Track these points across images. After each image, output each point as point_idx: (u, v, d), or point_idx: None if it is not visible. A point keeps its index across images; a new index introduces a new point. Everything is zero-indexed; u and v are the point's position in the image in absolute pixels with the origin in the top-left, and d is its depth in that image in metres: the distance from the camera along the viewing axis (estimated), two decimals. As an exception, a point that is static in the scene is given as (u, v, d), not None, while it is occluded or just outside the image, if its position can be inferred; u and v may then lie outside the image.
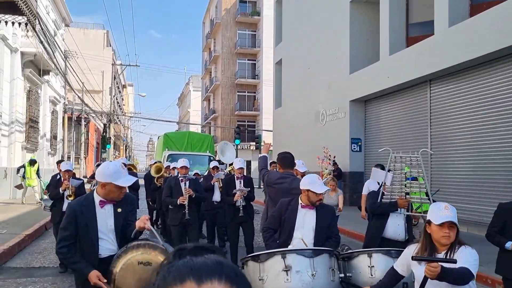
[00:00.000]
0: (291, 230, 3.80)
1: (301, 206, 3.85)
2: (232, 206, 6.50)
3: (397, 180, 4.71)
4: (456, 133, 12.14)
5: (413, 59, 13.01)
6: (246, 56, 45.53)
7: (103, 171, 3.02)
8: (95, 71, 36.61)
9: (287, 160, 4.84)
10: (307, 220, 3.83)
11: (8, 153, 14.83)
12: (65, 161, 6.97)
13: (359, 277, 3.56)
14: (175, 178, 6.37)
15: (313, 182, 3.78)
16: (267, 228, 3.98)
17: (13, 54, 14.96)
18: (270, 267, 3.21)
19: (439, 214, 2.64)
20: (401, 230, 4.61)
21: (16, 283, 5.93)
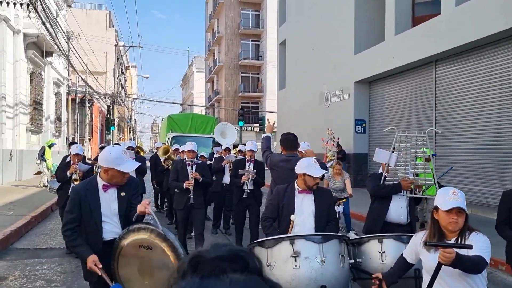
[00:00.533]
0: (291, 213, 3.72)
1: (298, 191, 3.75)
2: (239, 188, 6.47)
3: (401, 161, 4.56)
4: (461, 114, 12.05)
5: (419, 39, 12.83)
6: (249, 37, 45.08)
7: (106, 157, 3.03)
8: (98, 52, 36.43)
9: (289, 142, 4.75)
10: (306, 205, 3.74)
11: (13, 135, 14.88)
12: (76, 145, 6.77)
13: (369, 263, 3.47)
14: (181, 162, 6.29)
15: (309, 166, 3.68)
16: (266, 217, 3.89)
17: (15, 35, 14.87)
18: (278, 253, 3.13)
19: (447, 200, 2.54)
20: (403, 212, 4.50)
21: (23, 264, 6.02)
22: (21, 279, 5.36)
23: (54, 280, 5.35)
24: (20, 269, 5.80)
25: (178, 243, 2.94)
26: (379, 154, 4.78)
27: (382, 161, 4.70)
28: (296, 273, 3.01)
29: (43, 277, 5.48)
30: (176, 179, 6.09)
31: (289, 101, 24.20)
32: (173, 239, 2.90)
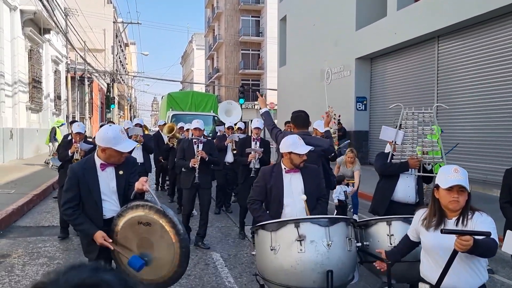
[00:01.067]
0: (281, 198, 3.61)
1: (286, 171, 3.64)
2: (245, 167, 6.34)
3: (409, 138, 4.44)
4: (463, 90, 11.97)
5: (422, 14, 12.64)
6: (250, 13, 44.47)
7: (103, 136, 2.99)
8: (96, 29, 35.95)
9: (301, 119, 4.56)
10: (295, 184, 3.62)
11: (13, 113, 14.83)
12: (77, 123, 6.63)
13: (377, 246, 3.35)
14: (188, 140, 6.18)
15: (294, 143, 3.56)
16: (254, 200, 3.69)
17: (12, 12, 14.65)
18: (282, 237, 3.03)
19: (448, 178, 2.43)
20: (411, 192, 4.39)
21: (26, 242, 6.08)
22: (24, 256, 5.43)
23: (57, 258, 5.41)
24: (23, 246, 5.86)
25: (177, 219, 2.94)
26: (385, 132, 4.65)
27: (388, 139, 4.57)
28: (301, 258, 2.92)
29: (45, 254, 5.54)
30: (182, 158, 5.99)
31: (290, 78, 24.03)
32: (172, 215, 2.91)
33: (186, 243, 2.91)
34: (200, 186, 5.83)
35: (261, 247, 3.18)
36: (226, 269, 5.11)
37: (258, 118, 6.61)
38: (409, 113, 4.50)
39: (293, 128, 4.57)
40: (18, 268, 5.00)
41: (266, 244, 3.09)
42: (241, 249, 5.93)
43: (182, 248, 2.88)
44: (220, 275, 4.92)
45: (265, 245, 3.10)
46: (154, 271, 2.97)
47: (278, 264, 2.99)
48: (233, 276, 4.86)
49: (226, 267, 5.19)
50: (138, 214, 2.99)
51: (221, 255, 5.63)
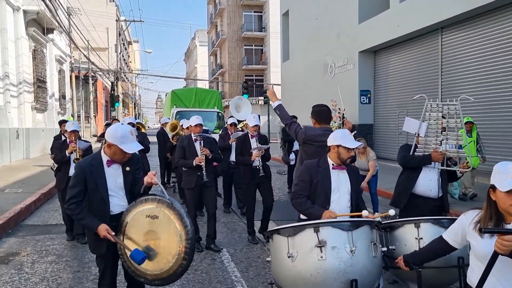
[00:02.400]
0: (328, 193, 3.34)
1: (333, 167, 3.37)
2: (248, 167, 6.00)
3: (432, 131, 4.31)
4: (467, 82, 11.91)
5: (425, 6, 12.58)
6: (252, 8, 44.36)
7: (113, 133, 3.07)
8: (99, 28, 36.03)
9: (323, 114, 4.22)
10: (342, 182, 3.38)
11: (19, 113, 14.93)
12: (71, 121, 6.36)
13: (405, 250, 3.04)
14: (187, 138, 5.85)
15: (344, 137, 3.32)
16: (299, 194, 3.40)
17: (15, 12, 14.72)
18: (300, 242, 2.77)
19: (507, 179, 2.03)
20: (434, 186, 4.23)
21: (34, 240, 6.15)
22: (33, 255, 5.49)
23: (65, 255, 5.47)
24: (31, 245, 5.93)
25: (184, 211, 2.98)
26: (408, 124, 4.50)
27: (411, 130, 4.43)
28: (322, 266, 2.67)
29: (54, 252, 5.61)
30: (183, 157, 5.72)
31: (294, 73, 24.00)
32: (179, 207, 2.95)
33: (192, 236, 2.95)
34: (205, 185, 5.59)
35: (277, 254, 2.94)
36: (233, 264, 5.14)
37: (254, 115, 6.40)
38: (433, 105, 4.33)
39: (313, 123, 4.26)
40: (27, 266, 5.07)
41: (282, 250, 2.86)
42: (247, 244, 5.97)
43: (188, 240, 2.91)
44: (227, 269, 4.96)
45: (281, 252, 2.87)
46: (160, 263, 2.99)
47: (296, 273, 2.76)
48: (239, 271, 4.90)
49: (232, 261, 5.23)
50: (146, 207, 3.04)
51: (227, 250, 5.67)
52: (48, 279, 4.63)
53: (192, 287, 4.44)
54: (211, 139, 6.02)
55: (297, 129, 4.23)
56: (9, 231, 6.57)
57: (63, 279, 4.65)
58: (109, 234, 2.99)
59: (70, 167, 5.87)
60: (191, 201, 5.70)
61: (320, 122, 4.22)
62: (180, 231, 2.92)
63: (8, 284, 4.51)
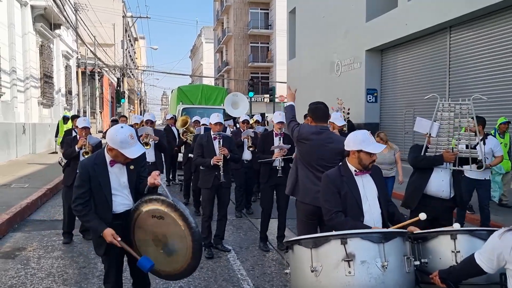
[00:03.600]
0: (359, 203, 3.04)
1: (355, 173, 3.09)
2: (267, 166, 5.72)
3: (444, 131, 4.27)
4: (476, 82, 11.82)
5: (433, 4, 12.48)
6: (258, 5, 44.28)
7: (112, 137, 3.01)
8: (106, 24, 36.09)
9: (320, 112, 4.04)
10: (369, 189, 3.10)
11: (25, 108, 14.99)
12: (82, 117, 6.25)
13: (439, 264, 2.78)
14: (206, 135, 5.62)
15: (365, 140, 3.02)
16: (336, 212, 3.02)
17: (23, 8, 14.75)
18: (325, 255, 2.51)
19: None
20: (445, 186, 4.17)
21: (41, 235, 6.16)
22: (39, 250, 5.50)
23: (71, 251, 5.48)
24: (37, 240, 5.95)
25: (188, 212, 2.96)
26: (419, 124, 4.44)
27: (423, 131, 4.38)
28: (350, 282, 2.41)
29: (60, 247, 5.62)
30: (201, 155, 5.49)
31: (300, 71, 23.92)
32: (183, 209, 2.94)
33: (198, 236, 2.93)
34: (221, 185, 5.41)
35: (298, 267, 2.67)
36: (239, 262, 5.13)
37: (279, 111, 6.05)
38: (445, 105, 4.27)
39: (310, 121, 4.08)
40: (33, 261, 5.08)
41: (304, 263, 2.59)
42: (252, 242, 5.95)
43: (194, 241, 2.90)
44: (233, 267, 4.94)
45: (303, 265, 2.60)
46: (169, 263, 3.02)
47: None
48: (245, 269, 4.89)
49: (238, 259, 5.22)
50: (151, 207, 3.03)
51: (233, 248, 5.65)
52: (54, 275, 4.64)
53: (198, 284, 4.43)
54: (230, 138, 5.78)
55: (294, 128, 4.09)
56: (16, 226, 6.59)
57: (69, 275, 4.65)
58: (115, 240, 2.97)
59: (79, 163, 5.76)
60: (207, 201, 5.48)
61: (317, 120, 4.01)
62: (186, 232, 2.91)
63: (14, 279, 4.52)
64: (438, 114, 4.28)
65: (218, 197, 5.53)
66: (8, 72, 13.47)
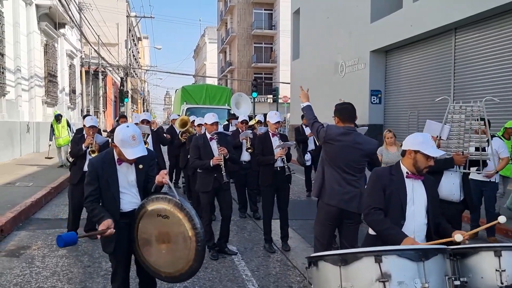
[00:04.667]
0: (404, 205, 2.90)
1: (407, 175, 2.94)
2: (268, 167, 5.57)
3: (455, 133, 4.22)
4: (481, 84, 11.77)
5: (439, 6, 12.44)
6: (262, 6, 44.28)
7: (116, 134, 3.06)
8: (110, 23, 36.17)
9: (347, 112, 3.96)
10: (418, 194, 2.94)
11: (30, 107, 15.03)
12: (90, 116, 6.22)
13: (481, 284, 2.51)
14: (202, 137, 5.47)
15: (425, 142, 2.90)
16: (375, 209, 2.90)
17: (28, 7, 14.80)
18: (357, 274, 2.26)
19: None
20: (456, 189, 4.15)
21: (45, 234, 6.17)
22: (43, 248, 5.51)
23: (75, 250, 5.47)
24: (42, 238, 5.95)
25: (194, 212, 2.94)
26: (430, 126, 4.35)
27: (433, 133, 4.26)
28: None
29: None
30: (198, 157, 5.34)
31: (303, 72, 23.89)
32: (189, 209, 2.92)
33: (202, 238, 2.91)
34: (221, 187, 5.29)
35: (324, 286, 2.43)
36: (243, 262, 5.12)
37: (275, 111, 5.97)
38: (456, 107, 4.21)
39: (337, 121, 4.00)
40: (38, 259, 5.08)
41: (331, 282, 2.35)
42: (257, 243, 5.94)
43: (198, 242, 2.87)
44: (237, 268, 4.93)
45: (329, 283, 2.36)
46: (172, 263, 2.99)
47: None
48: (250, 270, 4.88)
49: (243, 260, 5.21)
50: (157, 206, 3.01)
51: (237, 248, 5.64)
52: (59, 274, 4.64)
53: (203, 284, 4.42)
54: (227, 138, 5.67)
55: (319, 128, 4.01)
56: (20, 224, 6.60)
57: (74, 274, 4.65)
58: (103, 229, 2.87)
59: (85, 162, 5.70)
60: (207, 205, 5.36)
61: (344, 120, 3.93)
62: (190, 233, 2.89)
63: (19, 277, 4.52)
64: (449, 116, 4.20)
65: (219, 200, 5.42)
66: (13, 71, 13.51)
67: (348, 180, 3.82)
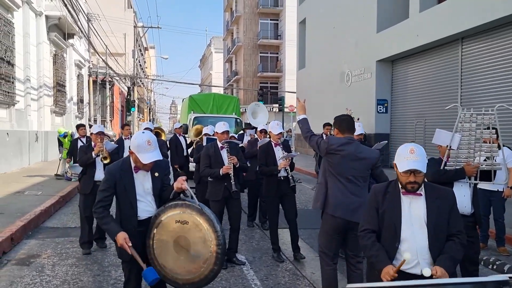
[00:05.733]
0: (397, 228, 2.63)
1: (403, 192, 2.68)
2: (272, 177, 5.55)
3: (465, 142, 4.07)
4: (488, 94, 11.75)
5: (445, 16, 12.48)
6: (268, 16, 44.58)
7: (132, 140, 3.13)
8: (117, 33, 36.54)
9: (347, 123, 3.98)
10: (415, 212, 2.63)
11: (38, 116, 15.17)
12: (97, 124, 6.29)
13: None
14: (213, 145, 5.48)
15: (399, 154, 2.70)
16: (365, 232, 2.75)
17: (38, 18, 15.00)
18: None
19: None
20: (467, 202, 3.99)
21: (54, 242, 6.20)
22: (53, 257, 5.53)
23: (85, 258, 5.50)
24: (51, 247, 5.98)
25: (214, 216, 2.97)
26: (439, 136, 4.22)
27: (442, 143, 4.18)
28: None
29: (74, 255, 5.64)
30: (209, 166, 5.35)
31: (309, 81, 23.97)
32: (209, 213, 2.95)
33: (223, 241, 2.94)
34: (231, 196, 5.29)
35: None
36: (252, 272, 5.11)
37: (277, 122, 5.98)
38: (466, 115, 4.08)
39: (336, 132, 4.02)
40: (48, 268, 5.10)
41: None
42: (265, 252, 5.93)
43: (218, 245, 2.91)
44: (246, 277, 4.93)
45: None
46: (190, 270, 3.00)
47: None
48: (259, 279, 4.87)
49: (251, 269, 5.20)
50: (175, 212, 3.04)
51: (246, 258, 5.64)
52: (69, 282, 4.66)
53: (212, 294, 4.42)
54: (237, 147, 5.66)
55: (318, 141, 4.00)
56: (30, 233, 6.64)
57: (84, 283, 4.67)
58: (126, 244, 2.98)
59: (96, 170, 5.67)
60: (217, 214, 5.19)
61: (343, 131, 3.97)
62: (211, 237, 2.92)
63: (29, 286, 4.54)
64: (459, 125, 4.09)
65: (228, 209, 5.43)
66: (23, 80, 13.66)
67: (352, 190, 3.81)
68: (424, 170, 2.58)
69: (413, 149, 2.61)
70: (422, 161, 2.60)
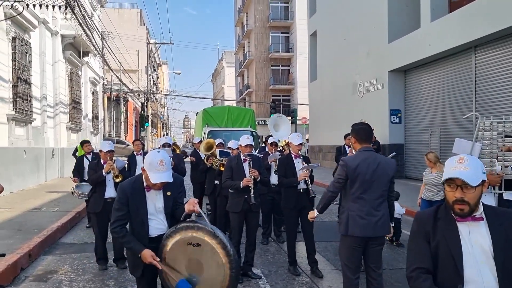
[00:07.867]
0: (459, 266, 2.02)
1: (457, 218, 2.08)
2: (292, 189, 5.53)
3: (487, 151, 3.97)
4: (504, 103, 11.60)
5: (457, 25, 12.42)
6: (279, 29, 44.91)
7: (146, 157, 3.13)
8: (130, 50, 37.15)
9: (365, 132, 3.85)
10: (478, 243, 2.03)
11: (55, 134, 15.41)
12: (107, 141, 6.04)
13: None
14: (236, 158, 5.53)
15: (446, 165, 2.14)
16: (416, 272, 2.09)
17: (53, 37, 15.35)
18: None
19: None
20: None
21: (71, 258, 6.24)
22: (70, 273, 5.57)
23: (101, 274, 5.52)
24: (68, 263, 6.02)
25: (227, 239, 2.94)
26: (459, 145, 4.11)
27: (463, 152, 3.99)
28: None
29: (90, 270, 5.67)
30: (230, 177, 5.38)
31: (321, 93, 23.98)
32: (222, 236, 2.91)
33: (236, 264, 2.90)
34: (250, 209, 5.29)
35: None
36: (268, 286, 5.07)
37: (297, 133, 5.87)
38: (486, 123, 3.99)
39: (354, 142, 3.89)
40: (65, 284, 5.13)
41: None
42: (281, 266, 5.89)
43: (232, 269, 2.87)
44: (263, 291, 4.89)
45: None
46: None
47: None
48: (275, 293, 4.83)
49: (268, 283, 5.16)
50: (188, 235, 3.00)
51: (261, 271, 5.60)
52: (86, 298, 4.67)
53: (228, 309, 4.38)
54: (260, 161, 5.61)
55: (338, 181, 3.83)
56: (47, 249, 6.70)
57: (101, 298, 4.68)
58: (154, 260, 2.99)
59: (106, 188, 5.63)
60: (236, 226, 5.38)
61: (361, 141, 3.85)
62: (224, 260, 2.88)
63: (48, 302, 4.57)
64: (479, 134, 4.00)
65: (246, 222, 5.43)
66: (39, 98, 13.93)
67: (373, 204, 3.71)
68: (473, 183, 1.99)
69: (463, 158, 2.08)
70: (474, 173, 2.01)
